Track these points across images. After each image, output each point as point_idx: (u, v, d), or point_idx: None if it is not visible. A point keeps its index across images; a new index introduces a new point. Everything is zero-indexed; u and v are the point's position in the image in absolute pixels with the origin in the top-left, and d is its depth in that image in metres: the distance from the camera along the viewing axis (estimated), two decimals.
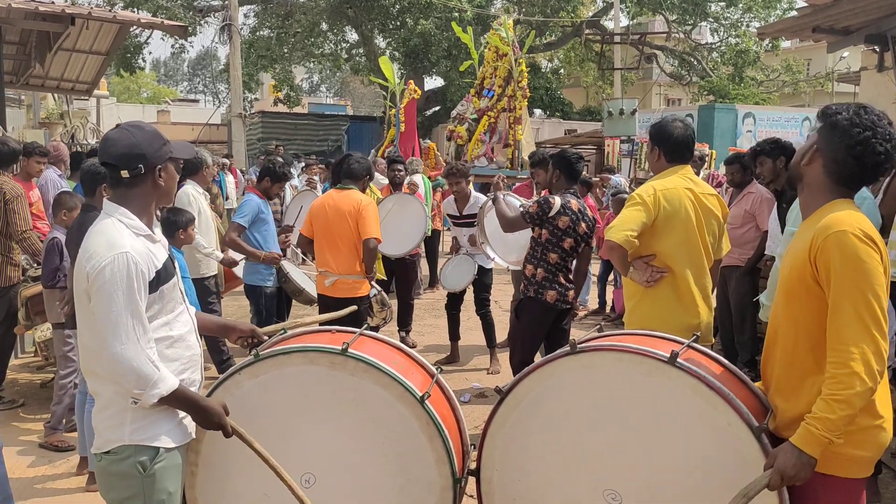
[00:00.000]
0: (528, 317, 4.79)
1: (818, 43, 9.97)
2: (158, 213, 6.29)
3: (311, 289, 5.88)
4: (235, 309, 8.53)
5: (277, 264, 5.77)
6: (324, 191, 9.42)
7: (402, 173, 7.84)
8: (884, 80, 8.81)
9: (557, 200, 4.64)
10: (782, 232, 4.63)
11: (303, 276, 6.15)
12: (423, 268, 10.16)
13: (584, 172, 5.71)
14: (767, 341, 2.46)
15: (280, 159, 8.20)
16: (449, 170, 6.76)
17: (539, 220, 4.66)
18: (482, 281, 6.57)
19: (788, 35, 10.54)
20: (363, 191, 5.51)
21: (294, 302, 6.48)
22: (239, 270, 6.16)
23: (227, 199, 12.92)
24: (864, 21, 8.08)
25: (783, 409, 2.34)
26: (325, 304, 5.31)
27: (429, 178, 10.82)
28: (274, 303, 5.94)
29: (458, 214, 6.68)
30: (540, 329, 4.82)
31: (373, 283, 5.41)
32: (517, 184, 8.72)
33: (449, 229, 9.86)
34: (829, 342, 2.17)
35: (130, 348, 2.21)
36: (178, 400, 2.34)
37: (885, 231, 4.68)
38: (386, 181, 8.22)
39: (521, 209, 4.89)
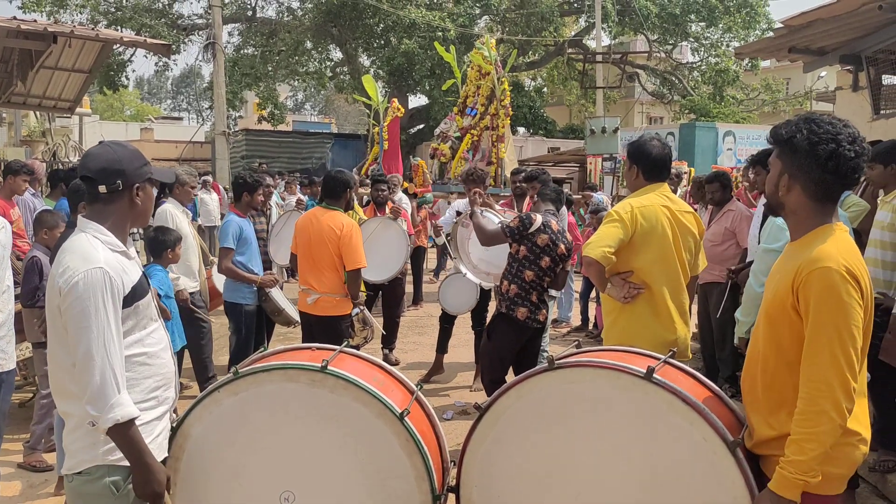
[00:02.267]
0: (499, 335, 4.80)
1: (796, 63, 10.15)
2: (140, 231, 6.30)
3: (291, 310, 5.86)
4: (218, 327, 8.48)
5: (274, 287, 5.75)
6: (308, 207, 9.41)
7: (385, 193, 7.83)
8: (858, 99, 8.97)
9: (539, 217, 4.68)
10: None
11: (283, 297, 6.13)
12: (409, 285, 10.16)
13: (566, 190, 5.78)
14: (748, 360, 2.46)
15: (270, 176, 8.20)
16: (467, 173, 6.75)
17: (519, 236, 4.68)
18: (482, 302, 6.52)
19: (765, 55, 10.71)
20: (348, 205, 5.49)
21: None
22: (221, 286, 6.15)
23: (197, 216, 12.81)
24: (839, 42, 8.24)
25: (760, 429, 2.35)
26: (308, 321, 5.29)
27: (414, 194, 10.85)
28: (254, 321, 5.89)
29: None
30: (511, 347, 4.82)
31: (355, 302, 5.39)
32: (501, 201, 8.76)
33: (433, 246, 9.87)
34: (801, 376, 2.18)
35: (98, 363, 2.19)
36: (128, 438, 2.23)
37: (861, 247, 4.74)
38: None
39: (501, 224, 4.93)
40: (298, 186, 13.86)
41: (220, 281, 6.23)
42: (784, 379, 2.26)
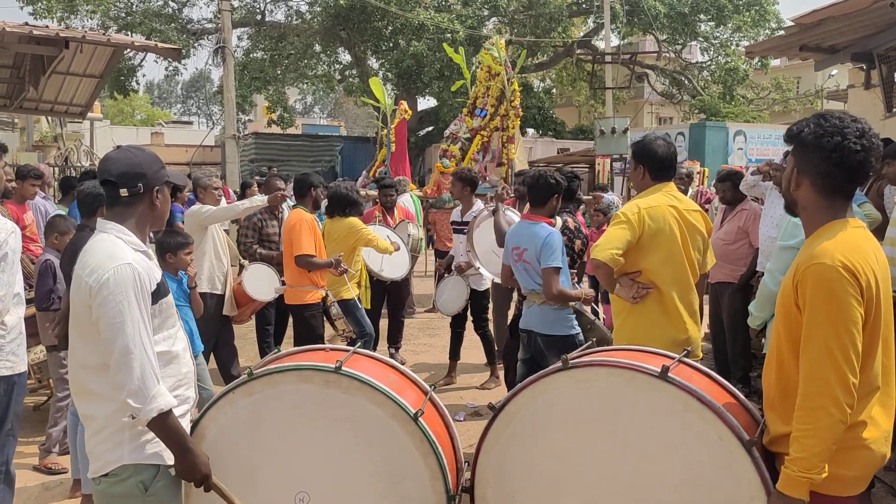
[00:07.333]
0: None
1: (807, 61, 10.10)
2: (152, 235, 6.34)
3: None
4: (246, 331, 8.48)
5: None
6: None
7: (393, 197, 7.91)
8: (870, 97, 8.90)
9: (558, 219, 4.72)
10: None
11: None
12: (417, 287, 10.16)
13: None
14: (767, 357, 2.46)
15: (281, 180, 8.21)
16: (456, 173, 6.87)
17: None
18: (479, 303, 6.58)
19: (776, 54, 10.67)
20: (315, 203, 5.86)
21: None
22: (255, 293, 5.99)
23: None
24: (850, 39, 8.19)
25: (774, 426, 2.35)
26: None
27: (420, 198, 10.85)
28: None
29: (460, 220, 6.70)
30: None
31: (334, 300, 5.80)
32: (505, 200, 8.74)
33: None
34: (800, 373, 2.18)
35: (136, 356, 2.21)
36: (168, 427, 2.28)
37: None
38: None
39: None
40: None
41: (252, 287, 5.91)
42: (795, 375, 2.25)
